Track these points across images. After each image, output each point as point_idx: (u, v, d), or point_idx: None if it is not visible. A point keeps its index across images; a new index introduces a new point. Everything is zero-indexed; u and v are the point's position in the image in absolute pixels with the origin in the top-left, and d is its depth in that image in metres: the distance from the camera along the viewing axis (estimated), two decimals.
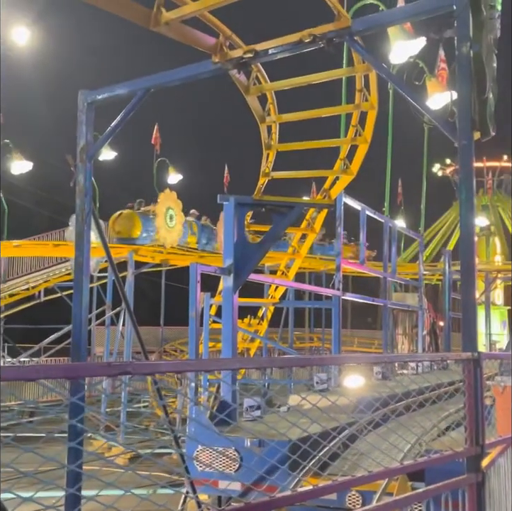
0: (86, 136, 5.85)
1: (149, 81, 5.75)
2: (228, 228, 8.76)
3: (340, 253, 11.57)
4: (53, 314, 22.11)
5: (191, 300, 8.26)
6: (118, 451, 15.26)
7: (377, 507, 3.86)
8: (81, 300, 5.78)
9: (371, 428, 5.30)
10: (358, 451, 6.90)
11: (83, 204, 5.90)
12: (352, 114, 9.06)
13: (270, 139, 8.24)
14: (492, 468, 4.07)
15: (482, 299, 25.69)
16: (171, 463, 14.24)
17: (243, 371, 14.33)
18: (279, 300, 11.92)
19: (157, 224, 21.49)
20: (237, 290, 8.77)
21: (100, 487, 2.58)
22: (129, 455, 14.71)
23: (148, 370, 2.59)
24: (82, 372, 2.37)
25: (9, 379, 2.10)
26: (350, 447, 7.45)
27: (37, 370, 2.30)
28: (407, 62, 9.32)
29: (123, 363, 2.51)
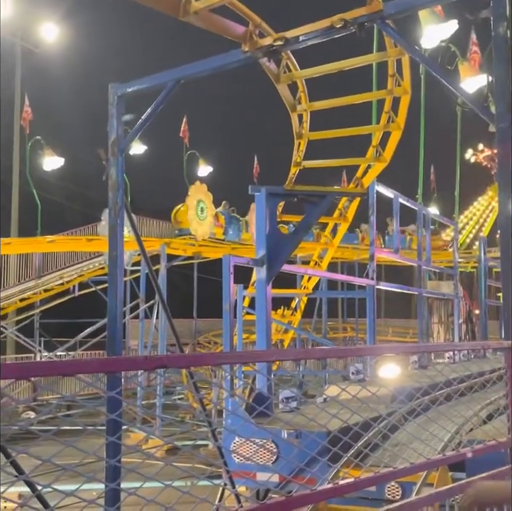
0: (117, 130, 5.84)
1: (179, 72, 5.70)
2: (260, 219, 8.69)
3: (373, 242, 11.43)
4: (88, 308, 22.35)
5: (224, 292, 8.22)
6: (154, 444, 15.36)
7: (419, 499, 3.78)
8: (116, 294, 5.78)
9: (411, 418, 5.22)
10: (398, 442, 6.82)
11: (115, 198, 5.89)
12: (384, 100, 8.91)
13: (301, 128, 8.15)
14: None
15: None
16: (207, 455, 14.31)
17: (278, 362, 14.31)
18: (313, 290, 11.84)
19: (188, 217, 21.56)
20: (271, 281, 8.72)
21: (138, 480, 2.55)
22: (166, 448, 14.81)
23: (184, 363, 2.55)
24: (119, 367, 2.35)
25: (48, 374, 2.08)
26: (390, 438, 7.37)
27: (76, 365, 2.28)
28: (438, 47, 9.14)
29: (159, 357, 2.48)
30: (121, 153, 5.88)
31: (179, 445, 14.10)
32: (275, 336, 13.35)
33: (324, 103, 7.99)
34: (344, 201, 9.86)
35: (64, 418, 18.09)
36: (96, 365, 2.20)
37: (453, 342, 16.16)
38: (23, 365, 1.98)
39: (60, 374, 2.22)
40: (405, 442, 6.03)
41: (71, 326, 22.00)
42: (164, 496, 2.36)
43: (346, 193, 9.30)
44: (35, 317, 20.76)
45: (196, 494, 3.24)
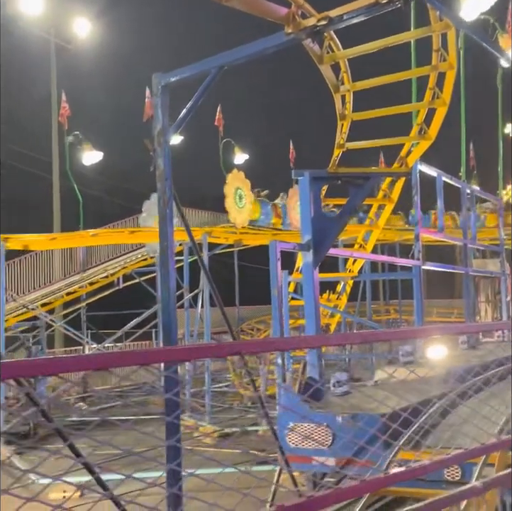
0: (162, 120, 5.84)
1: (221, 58, 5.67)
2: (305, 203, 8.63)
3: (418, 221, 11.27)
4: (132, 300, 22.59)
5: (272, 278, 8.21)
6: (205, 431, 15.48)
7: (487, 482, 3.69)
8: (168, 283, 5.81)
9: (462, 401, 5.13)
10: (451, 425, 6.73)
11: (164, 188, 5.90)
12: (425, 78, 8.74)
13: (344, 109, 8.05)
14: None
15: None
16: (257, 440, 14.37)
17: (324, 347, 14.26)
18: (358, 273, 11.75)
19: (226, 205, 21.58)
20: (317, 266, 8.67)
21: (194, 466, 2.56)
22: (216, 435, 14.92)
23: (257, 349, 2.53)
24: (194, 355, 2.34)
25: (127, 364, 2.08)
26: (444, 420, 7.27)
27: (158, 353, 2.28)
28: (478, 19, 8.93)
29: (233, 344, 2.48)
30: (167, 143, 5.88)
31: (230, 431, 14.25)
32: (321, 320, 13.30)
33: (367, 83, 7.88)
34: (388, 181, 9.74)
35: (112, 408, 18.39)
36: (178, 353, 2.21)
37: (502, 320, 15.89)
38: (100, 356, 1.98)
39: (137, 364, 2.23)
40: (459, 425, 5.96)
41: (116, 318, 22.31)
42: (217, 483, 2.36)
43: (390, 173, 9.18)
44: (82, 310, 21.08)
45: (249, 480, 3.26)
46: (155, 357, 2.26)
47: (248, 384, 19.70)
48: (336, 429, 7.61)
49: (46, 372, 1.90)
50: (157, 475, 8.87)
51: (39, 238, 16.88)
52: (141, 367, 2.24)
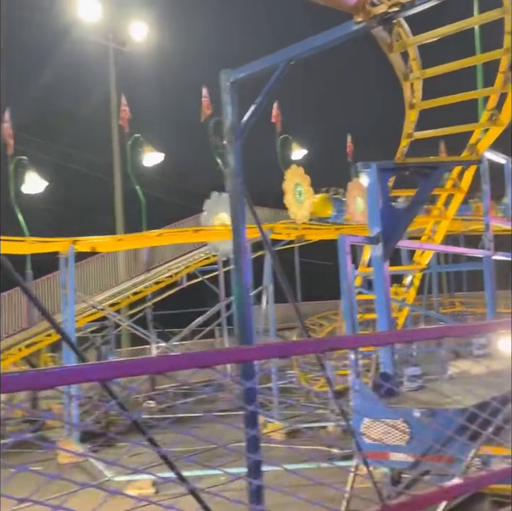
0: (231, 116, 5.82)
1: (289, 52, 5.61)
2: (372, 195, 8.52)
3: (488, 211, 10.98)
4: (196, 298, 22.80)
5: (342, 272, 8.14)
6: (274, 428, 15.47)
7: None
8: (242, 281, 5.79)
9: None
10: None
11: (235, 185, 5.89)
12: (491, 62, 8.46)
13: (413, 98, 7.88)
14: None
15: None
16: (327, 437, 14.27)
17: None
18: (426, 266, 11.52)
19: (286, 201, 21.53)
20: (387, 259, 8.54)
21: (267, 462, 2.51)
22: (285, 431, 14.89)
23: (351, 344, 2.49)
24: (291, 351, 2.31)
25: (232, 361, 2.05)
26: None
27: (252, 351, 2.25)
28: None
29: (328, 339, 2.46)
30: (238, 139, 5.86)
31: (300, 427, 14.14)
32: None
33: (438, 69, 7.67)
34: (458, 170, 9.50)
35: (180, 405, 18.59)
36: (275, 350, 2.17)
37: None
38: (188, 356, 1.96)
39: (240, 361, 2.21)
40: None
41: (181, 317, 22.55)
42: (286, 479, 2.32)
43: (461, 162, 8.95)
44: (148, 310, 21.38)
45: (321, 476, 3.22)
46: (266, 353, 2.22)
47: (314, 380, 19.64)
48: (413, 424, 7.48)
49: (135, 372, 1.86)
50: (235, 470, 8.89)
51: (106, 240, 17.19)
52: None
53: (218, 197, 20.68)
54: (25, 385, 1.68)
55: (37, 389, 1.84)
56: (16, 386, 1.55)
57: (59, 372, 1.68)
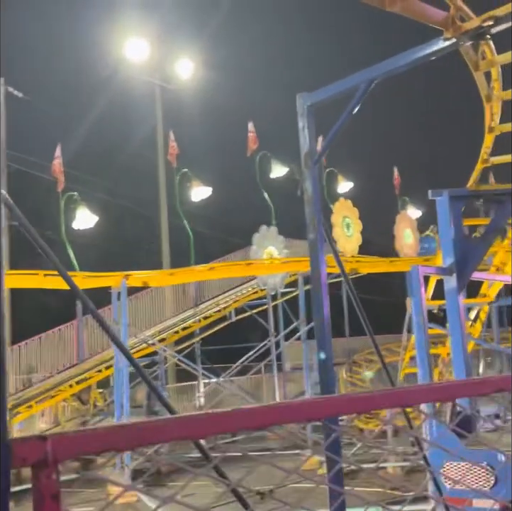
0: (309, 141, 5.56)
1: (372, 72, 5.34)
2: (444, 224, 8.15)
3: None
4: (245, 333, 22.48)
5: (415, 305, 7.75)
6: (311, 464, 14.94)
7: None
8: (323, 313, 5.47)
9: None
10: None
11: (313, 213, 5.60)
12: None
13: (491, 121, 7.55)
14: None
15: None
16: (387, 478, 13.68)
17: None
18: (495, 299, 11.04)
19: (334, 234, 21.24)
20: (462, 291, 8.12)
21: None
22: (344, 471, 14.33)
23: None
24: (467, 391, 2.01)
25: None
26: None
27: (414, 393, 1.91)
28: None
29: (496, 380, 2.13)
30: (315, 164, 5.59)
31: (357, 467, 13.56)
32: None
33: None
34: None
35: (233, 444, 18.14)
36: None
37: None
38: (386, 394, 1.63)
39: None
40: None
41: (230, 352, 22.21)
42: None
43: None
44: (196, 345, 21.12)
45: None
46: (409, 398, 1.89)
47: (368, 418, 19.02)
48: (500, 468, 6.98)
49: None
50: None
51: (157, 275, 17.07)
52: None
53: (267, 231, 20.51)
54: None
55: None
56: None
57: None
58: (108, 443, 1.25)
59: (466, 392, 2.20)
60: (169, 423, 1.34)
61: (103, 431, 1.27)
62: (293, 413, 1.50)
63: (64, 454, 1.22)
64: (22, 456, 1.19)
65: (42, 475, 1.20)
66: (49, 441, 1.19)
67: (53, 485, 1.19)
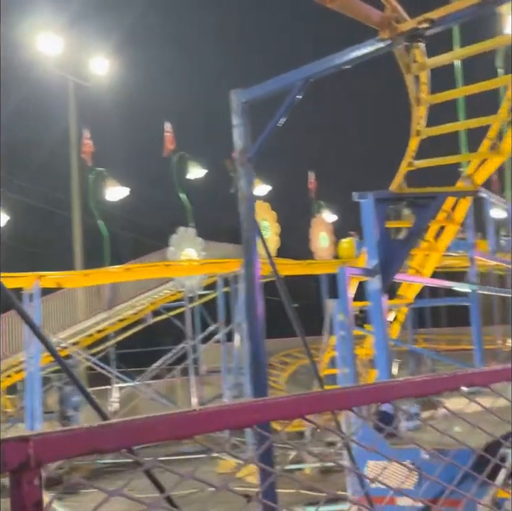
0: (243, 138, 5.46)
1: (307, 70, 5.30)
2: (369, 226, 8.25)
3: (472, 245, 10.88)
4: (162, 336, 22.14)
5: (342, 306, 7.81)
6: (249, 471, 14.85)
7: None
8: (256, 315, 5.38)
9: None
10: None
11: (247, 211, 5.50)
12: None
13: (417, 124, 7.68)
14: None
15: None
16: (305, 479, 13.73)
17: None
18: (412, 300, 11.30)
19: None
20: (386, 291, 8.24)
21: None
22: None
23: (487, 381, 2.18)
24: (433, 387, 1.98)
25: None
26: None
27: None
28: None
29: (463, 375, 2.11)
30: (250, 162, 5.50)
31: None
32: (371, 350, 12.79)
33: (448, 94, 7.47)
34: (452, 201, 9.32)
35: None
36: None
37: None
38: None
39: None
40: None
41: (147, 355, 21.83)
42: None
43: (457, 193, 8.79)
44: (111, 349, 20.61)
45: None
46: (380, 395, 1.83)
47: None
48: (422, 466, 7.09)
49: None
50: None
51: (72, 276, 16.52)
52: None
53: (185, 233, 20.28)
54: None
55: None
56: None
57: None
58: (95, 444, 1.12)
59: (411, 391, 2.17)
60: (160, 421, 1.22)
61: (90, 431, 1.14)
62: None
63: (47, 457, 1.08)
64: (3, 460, 1.03)
65: (24, 480, 1.06)
66: (32, 443, 1.05)
67: (36, 491, 1.06)
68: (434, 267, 10.54)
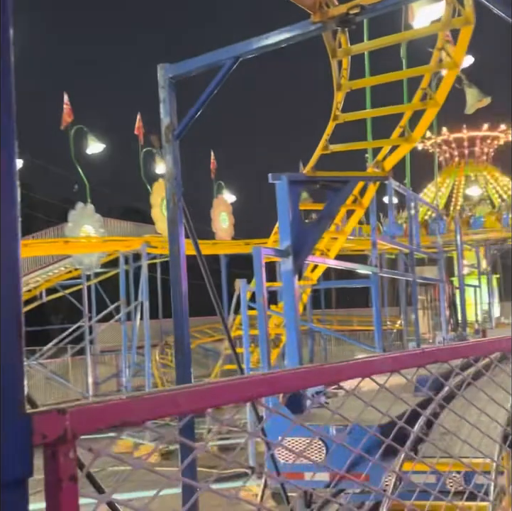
0: (170, 114, 5.36)
1: (238, 49, 5.26)
2: (283, 208, 8.34)
3: (374, 228, 11.25)
4: (56, 314, 21.51)
5: (257, 286, 7.87)
6: (147, 450, 14.81)
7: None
8: (181, 293, 5.33)
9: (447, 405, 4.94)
10: (443, 433, 6.52)
11: (173, 188, 5.41)
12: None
13: (336, 109, 7.83)
14: None
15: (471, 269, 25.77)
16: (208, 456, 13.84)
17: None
18: (317, 281, 11.57)
19: (153, 215, 21.09)
20: (297, 273, 8.38)
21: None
22: (162, 452, 14.29)
23: (451, 356, 2.27)
24: (402, 363, 2.02)
25: None
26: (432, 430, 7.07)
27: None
28: None
29: (433, 351, 2.18)
30: (177, 139, 5.41)
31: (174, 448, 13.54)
32: (274, 330, 13.02)
33: (367, 81, 7.64)
34: (360, 186, 9.58)
35: None
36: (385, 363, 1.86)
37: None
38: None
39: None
40: (453, 430, 5.76)
41: (41, 334, 21.17)
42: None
43: (368, 177, 9.03)
44: None
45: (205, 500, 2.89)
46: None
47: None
48: (329, 442, 7.32)
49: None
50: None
51: None
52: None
53: (84, 209, 19.76)
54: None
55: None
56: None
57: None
58: (126, 416, 1.11)
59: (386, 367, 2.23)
60: (182, 395, 1.22)
61: (120, 403, 1.12)
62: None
63: (82, 429, 1.05)
64: (42, 432, 0.99)
65: (60, 453, 1.01)
66: (69, 415, 1.02)
67: (72, 464, 1.02)
68: (338, 250, 10.84)
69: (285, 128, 44.45)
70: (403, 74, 8.24)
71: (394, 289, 25.78)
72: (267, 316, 7.84)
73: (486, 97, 13.98)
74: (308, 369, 1.73)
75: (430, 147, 40.29)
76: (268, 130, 46.81)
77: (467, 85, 13.29)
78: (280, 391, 1.72)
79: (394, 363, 2.10)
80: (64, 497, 1.03)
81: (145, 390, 12.96)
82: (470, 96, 13.34)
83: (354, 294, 34.98)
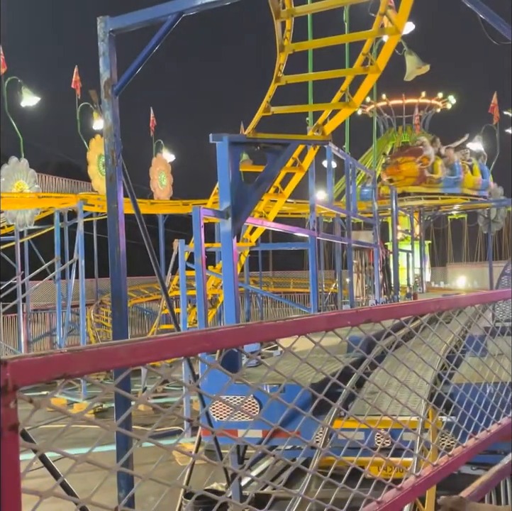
0: (110, 69, 5.24)
1: (181, 4, 5.16)
2: (223, 169, 8.31)
3: (313, 192, 11.34)
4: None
5: (195, 247, 7.85)
6: (80, 408, 14.80)
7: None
8: (119, 250, 5.29)
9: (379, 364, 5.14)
10: (371, 392, 6.74)
11: (112, 145, 5.32)
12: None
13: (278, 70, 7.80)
14: None
15: (405, 234, 26.46)
16: (139, 415, 13.90)
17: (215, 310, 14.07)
18: (256, 243, 11.63)
19: (89, 172, 20.71)
20: (236, 234, 8.41)
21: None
22: (95, 410, 14.31)
23: (386, 316, 2.36)
24: (339, 322, 2.09)
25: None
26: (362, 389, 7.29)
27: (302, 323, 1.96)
28: None
29: (366, 310, 2.25)
30: (116, 95, 5.30)
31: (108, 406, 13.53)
32: (211, 291, 13.08)
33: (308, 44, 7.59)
34: (299, 149, 9.62)
35: None
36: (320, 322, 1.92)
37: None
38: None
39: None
40: (382, 388, 5.98)
41: None
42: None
43: (309, 141, 9.07)
44: None
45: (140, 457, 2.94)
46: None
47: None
48: (263, 400, 7.48)
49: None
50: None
51: None
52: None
53: (17, 164, 19.21)
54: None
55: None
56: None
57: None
58: (68, 369, 1.14)
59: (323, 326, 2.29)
60: (122, 349, 1.28)
61: (63, 356, 1.16)
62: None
63: (23, 380, 1.08)
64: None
65: (2, 403, 1.04)
66: (9, 366, 1.06)
67: (12, 414, 1.05)
68: (277, 213, 10.92)
69: (228, 87, 43.99)
70: (345, 38, 8.28)
71: (330, 252, 26.24)
72: (205, 277, 7.86)
73: (425, 65, 14.21)
74: (246, 326, 1.78)
75: (369, 113, 40.72)
76: (210, 88, 46.22)
77: (407, 52, 13.51)
78: (219, 347, 1.77)
79: (329, 322, 2.17)
80: (5, 446, 1.05)
81: None
82: (410, 63, 13.57)
83: (291, 257, 35.46)
